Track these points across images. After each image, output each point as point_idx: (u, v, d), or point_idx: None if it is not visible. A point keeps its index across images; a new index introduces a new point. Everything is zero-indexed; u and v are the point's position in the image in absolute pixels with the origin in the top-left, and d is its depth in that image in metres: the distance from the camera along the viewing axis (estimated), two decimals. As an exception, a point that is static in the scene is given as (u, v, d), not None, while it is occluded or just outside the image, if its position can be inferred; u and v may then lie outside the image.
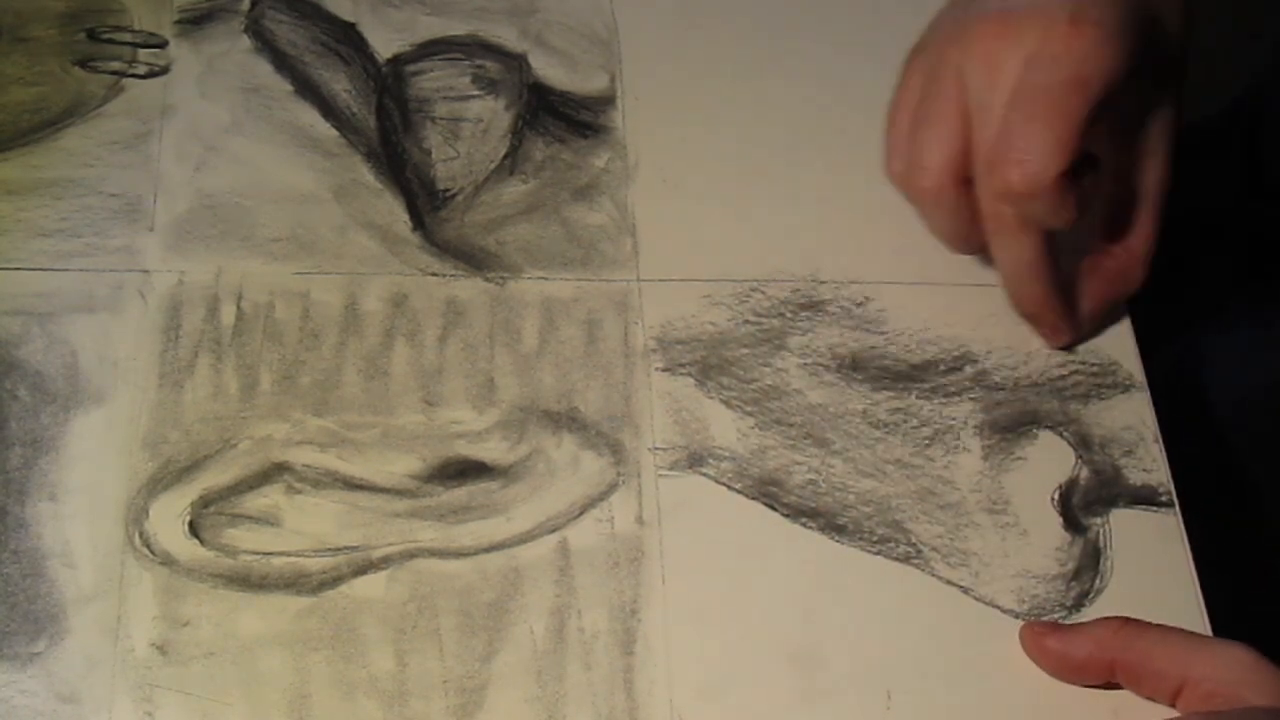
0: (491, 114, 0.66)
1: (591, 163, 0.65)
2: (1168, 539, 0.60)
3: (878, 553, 0.58)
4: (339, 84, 0.65)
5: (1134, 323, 0.64)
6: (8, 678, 0.52)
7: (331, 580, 0.55)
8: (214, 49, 0.66)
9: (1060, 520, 0.60)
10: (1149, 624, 0.54)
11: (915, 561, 0.58)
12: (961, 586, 0.58)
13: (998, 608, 0.58)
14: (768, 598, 0.57)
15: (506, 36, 0.68)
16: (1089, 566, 0.59)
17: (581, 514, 0.58)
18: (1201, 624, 0.58)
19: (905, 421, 0.61)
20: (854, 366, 0.62)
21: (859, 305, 0.63)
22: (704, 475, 0.59)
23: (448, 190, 0.64)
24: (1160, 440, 0.62)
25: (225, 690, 0.53)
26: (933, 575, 0.58)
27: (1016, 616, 0.58)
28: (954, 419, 0.61)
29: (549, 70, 0.67)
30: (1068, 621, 0.57)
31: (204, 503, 0.56)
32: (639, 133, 0.66)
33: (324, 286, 0.61)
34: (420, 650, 0.54)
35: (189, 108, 0.64)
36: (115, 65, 0.64)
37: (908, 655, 0.56)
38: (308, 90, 0.65)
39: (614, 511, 0.58)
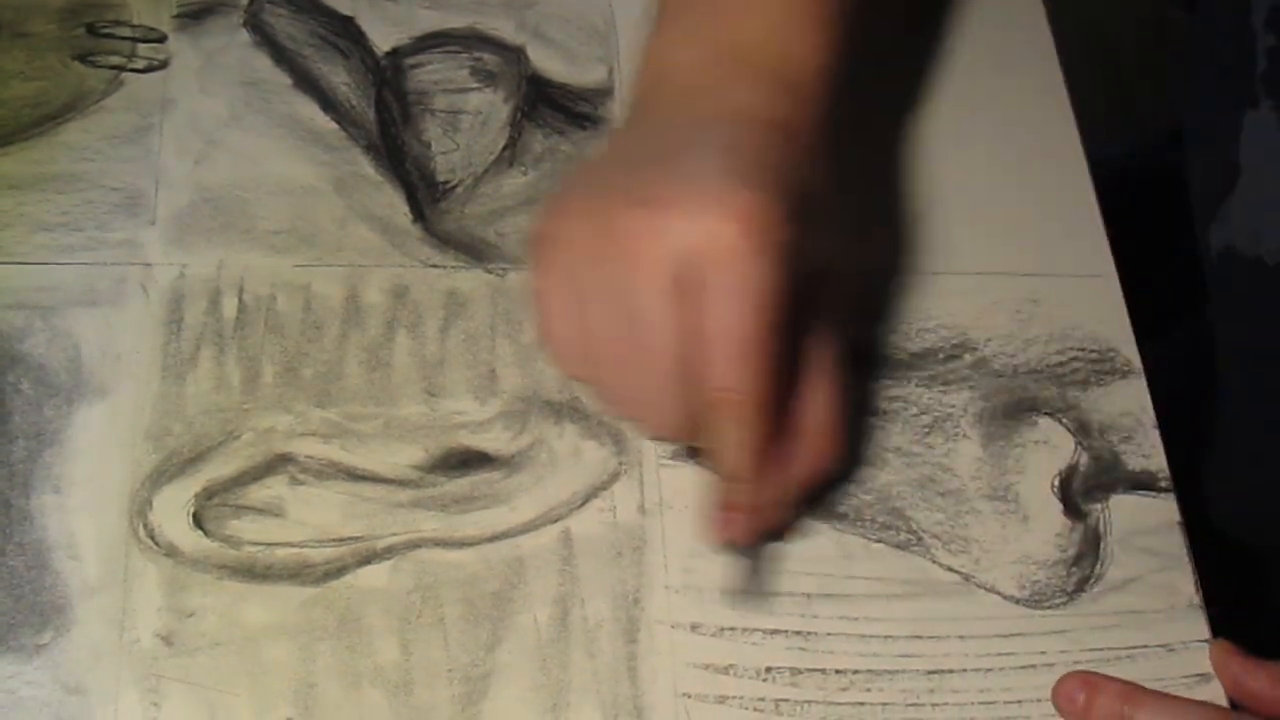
0: (490, 106, 0.66)
1: (590, 154, 0.65)
2: (1166, 524, 0.60)
3: (878, 540, 0.59)
4: (338, 77, 0.66)
5: (1130, 308, 0.65)
6: (14, 669, 0.52)
7: (335, 570, 0.55)
8: (213, 43, 0.66)
9: (1060, 506, 0.60)
10: None
11: (916, 549, 0.59)
12: (962, 573, 0.58)
13: (999, 594, 0.58)
14: (769, 585, 0.57)
15: (504, 29, 0.68)
16: (1089, 552, 0.59)
17: (584, 503, 0.58)
18: (1196, 608, 0.59)
19: (905, 409, 0.61)
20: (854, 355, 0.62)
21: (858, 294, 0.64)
22: (705, 464, 0.59)
23: (447, 182, 0.64)
24: (1158, 426, 0.62)
25: (231, 680, 0.53)
26: (934, 562, 0.58)
27: (1018, 602, 0.58)
28: (953, 406, 0.62)
29: (547, 63, 0.68)
30: (1069, 607, 0.58)
31: (208, 494, 0.56)
32: (637, 124, 0.66)
33: (325, 279, 0.61)
34: (425, 639, 0.55)
35: (189, 101, 0.64)
36: (115, 60, 0.65)
37: (909, 642, 0.57)
38: (307, 83, 0.65)
39: (616, 501, 0.58)
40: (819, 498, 0.59)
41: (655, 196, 0.50)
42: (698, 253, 0.48)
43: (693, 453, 0.58)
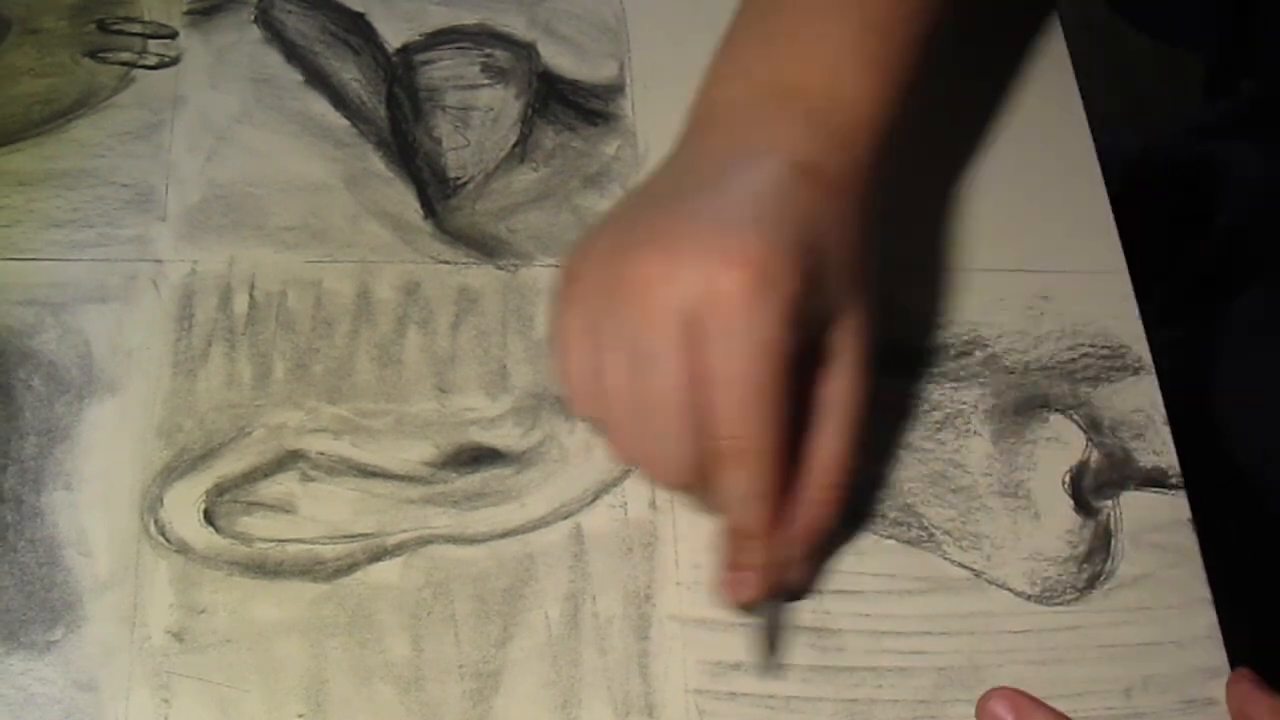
0: (501, 102, 0.66)
1: (601, 150, 0.65)
2: (1176, 520, 0.60)
3: (890, 536, 0.59)
4: (349, 74, 0.66)
5: (1141, 304, 0.65)
6: (25, 666, 0.52)
7: (347, 567, 0.55)
8: (224, 39, 0.66)
9: (1071, 503, 0.60)
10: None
11: (927, 545, 0.59)
12: (974, 569, 0.58)
13: (1010, 590, 0.58)
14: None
15: (515, 25, 0.68)
16: (1100, 549, 0.59)
17: (595, 499, 0.58)
18: (1207, 605, 0.58)
19: (916, 406, 0.61)
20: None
21: (869, 290, 0.63)
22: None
23: (458, 178, 0.64)
24: (1168, 423, 0.62)
25: (242, 677, 0.53)
26: (945, 558, 0.58)
27: (1029, 599, 0.58)
28: (964, 403, 0.62)
29: (558, 59, 0.68)
30: (1080, 603, 0.58)
31: (219, 490, 0.56)
32: (648, 120, 0.66)
33: (336, 275, 0.61)
34: (436, 636, 0.55)
35: (200, 98, 0.64)
36: (125, 56, 0.65)
37: (920, 638, 0.57)
38: (318, 80, 0.65)
39: (627, 497, 0.58)
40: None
41: (666, 239, 0.50)
42: (703, 297, 0.49)
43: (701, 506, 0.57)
